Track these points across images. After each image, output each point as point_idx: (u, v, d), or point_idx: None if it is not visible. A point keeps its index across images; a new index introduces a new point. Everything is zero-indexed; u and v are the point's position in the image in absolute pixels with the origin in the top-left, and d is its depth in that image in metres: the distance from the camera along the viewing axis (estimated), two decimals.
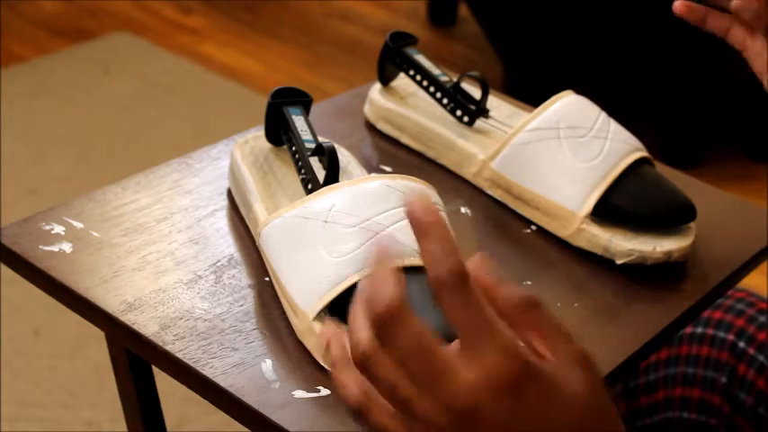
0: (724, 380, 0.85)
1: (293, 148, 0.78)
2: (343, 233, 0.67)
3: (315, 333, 0.65)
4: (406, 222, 0.67)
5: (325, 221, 0.68)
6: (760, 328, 0.85)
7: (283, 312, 0.69)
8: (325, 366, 0.65)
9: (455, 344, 0.47)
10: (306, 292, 0.66)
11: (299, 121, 0.79)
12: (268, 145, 0.82)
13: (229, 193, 0.81)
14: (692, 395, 0.86)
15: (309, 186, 0.75)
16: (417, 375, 0.46)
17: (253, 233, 0.76)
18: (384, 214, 0.68)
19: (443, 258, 0.45)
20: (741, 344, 0.85)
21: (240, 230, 0.77)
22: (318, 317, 0.65)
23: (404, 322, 0.45)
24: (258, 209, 0.74)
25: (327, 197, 0.69)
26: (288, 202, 0.76)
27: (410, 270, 0.65)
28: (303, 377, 0.64)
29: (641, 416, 0.89)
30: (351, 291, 0.65)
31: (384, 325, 0.45)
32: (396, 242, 0.66)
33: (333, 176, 0.74)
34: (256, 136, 0.82)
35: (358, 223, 0.67)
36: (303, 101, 0.80)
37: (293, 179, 0.79)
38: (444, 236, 0.46)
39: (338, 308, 0.66)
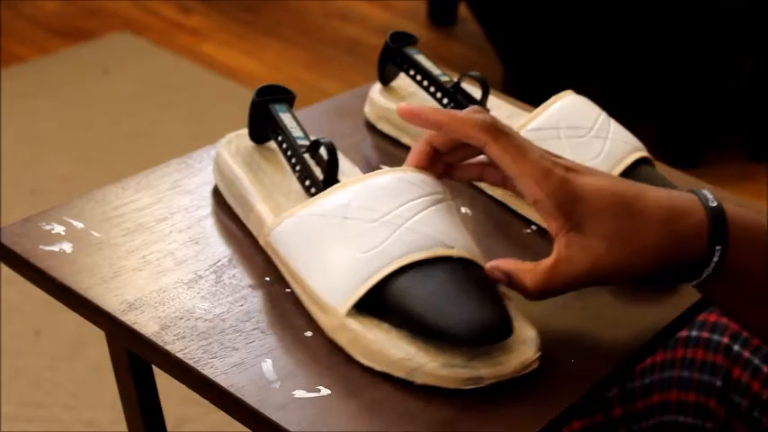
0: (719, 383, 0.84)
1: (284, 146, 0.78)
2: (367, 228, 0.67)
3: (348, 329, 0.65)
4: (426, 213, 0.68)
5: (345, 218, 0.68)
6: None
7: (283, 312, 0.69)
8: (362, 361, 0.65)
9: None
10: (335, 289, 0.66)
11: (286, 119, 0.79)
12: (250, 144, 0.82)
13: (215, 193, 0.81)
14: (688, 399, 0.86)
15: (307, 183, 0.75)
16: None
17: (255, 233, 0.75)
18: (403, 207, 0.68)
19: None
20: (736, 347, 0.85)
21: (240, 230, 0.77)
22: (349, 313, 0.66)
23: None
24: (262, 209, 0.74)
25: (341, 194, 0.69)
26: (286, 201, 0.76)
27: (436, 261, 0.66)
28: (303, 377, 0.64)
29: (637, 419, 0.89)
30: (379, 286, 0.65)
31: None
32: (420, 234, 0.67)
33: (334, 172, 0.74)
34: (239, 135, 0.82)
35: (379, 217, 0.67)
36: (287, 98, 0.80)
37: (282, 177, 0.79)
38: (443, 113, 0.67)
39: (365, 303, 0.66)
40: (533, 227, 0.81)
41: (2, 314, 1.71)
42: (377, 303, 0.66)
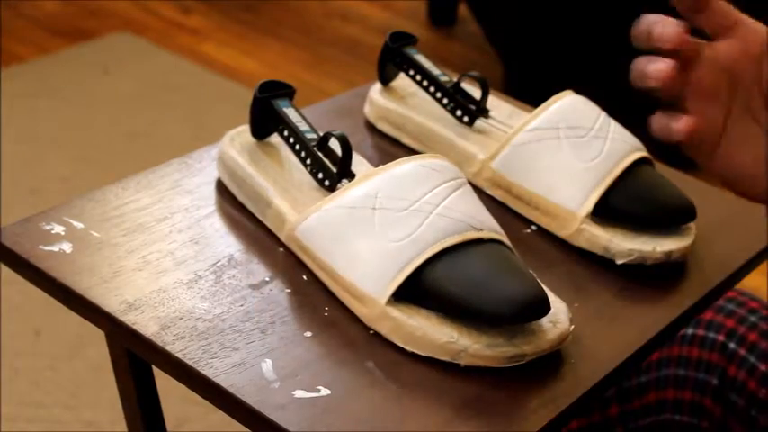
0: (715, 382, 0.85)
1: (291, 140, 0.78)
2: (398, 217, 0.68)
3: (389, 317, 0.66)
4: (452, 198, 0.69)
5: (374, 208, 0.69)
6: (750, 329, 0.85)
7: (283, 312, 0.69)
8: (406, 348, 0.66)
9: None
10: (372, 280, 0.67)
11: (290, 113, 0.79)
12: (251, 140, 0.82)
13: (215, 191, 0.81)
14: (684, 397, 0.86)
15: (320, 176, 0.75)
16: None
17: (273, 229, 0.76)
18: (431, 194, 0.69)
19: None
20: (732, 345, 0.85)
21: (240, 230, 0.77)
22: (389, 301, 0.66)
23: None
24: (281, 205, 0.75)
25: (366, 185, 0.70)
26: (301, 195, 0.76)
27: (467, 243, 0.67)
28: (303, 377, 0.64)
29: (634, 418, 0.89)
30: (415, 273, 0.66)
31: None
32: (450, 219, 0.68)
33: (348, 164, 0.74)
34: (239, 132, 0.83)
35: (409, 206, 0.68)
36: (288, 92, 0.81)
37: (287, 171, 0.79)
38: None
39: (401, 291, 0.67)
40: (533, 227, 0.81)
41: (2, 314, 1.71)
42: (413, 290, 0.67)
